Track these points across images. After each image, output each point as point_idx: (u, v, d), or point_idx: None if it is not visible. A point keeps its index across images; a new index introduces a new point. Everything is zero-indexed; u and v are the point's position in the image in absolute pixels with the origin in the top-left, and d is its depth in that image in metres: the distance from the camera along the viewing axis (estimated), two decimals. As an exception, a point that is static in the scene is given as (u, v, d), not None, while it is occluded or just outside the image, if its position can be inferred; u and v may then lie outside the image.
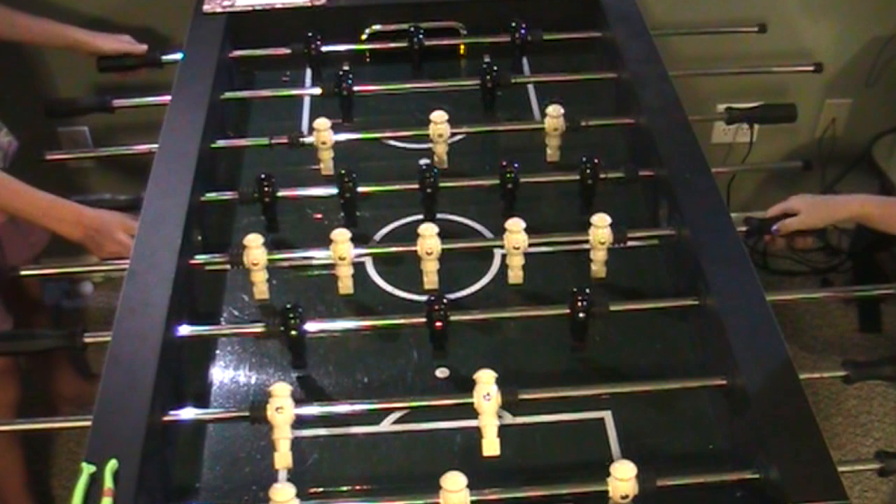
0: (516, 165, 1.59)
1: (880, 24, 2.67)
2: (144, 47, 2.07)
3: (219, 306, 1.53)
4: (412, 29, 1.94)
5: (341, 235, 1.46)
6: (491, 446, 1.24)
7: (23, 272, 1.63)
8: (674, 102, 1.74)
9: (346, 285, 1.49)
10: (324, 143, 1.69)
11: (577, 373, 1.43)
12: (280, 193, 1.62)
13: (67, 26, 2.07)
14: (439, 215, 1.65)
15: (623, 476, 1.14)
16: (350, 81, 1.81)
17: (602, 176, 1.60)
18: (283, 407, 1.23)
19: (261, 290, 1.49)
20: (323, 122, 1.68)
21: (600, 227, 1.47)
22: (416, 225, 1.50)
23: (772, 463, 1.16)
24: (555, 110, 1.70)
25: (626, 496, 1.14)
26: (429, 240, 1.46)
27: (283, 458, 1.23)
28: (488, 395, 1.24)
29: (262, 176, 1.59)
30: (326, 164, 1.71)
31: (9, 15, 2.02)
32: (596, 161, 1.57)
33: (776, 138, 2.78)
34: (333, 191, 1.62)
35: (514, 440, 1.32)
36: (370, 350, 1.46)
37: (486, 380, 1.25)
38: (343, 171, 1.60)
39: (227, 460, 1.32)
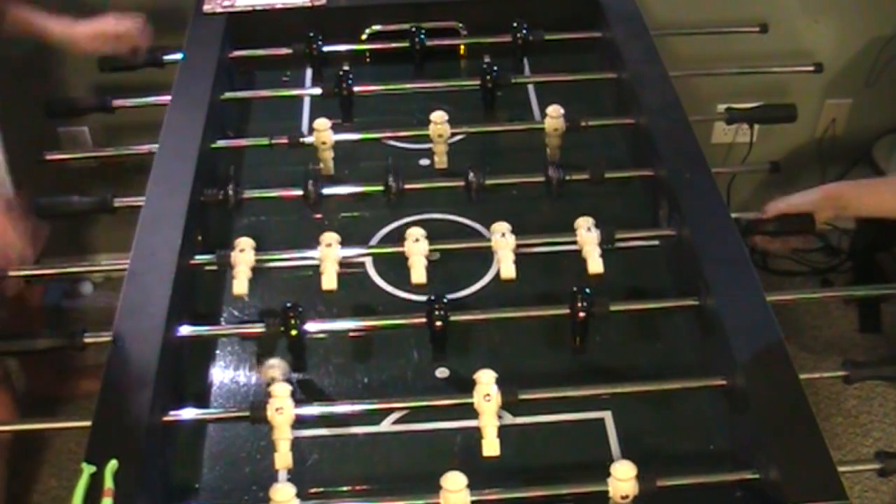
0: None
1: (880, 24, 2.67)
2: (136, 44, 2.01)
3: (219, 306, 1.53)
4: (413, 29, 1.94)
5: (330, 236, 1.48)
6: (491, 447, 1.24)
7: (22, 272, 1.62)
8: (674, 102, 1.74)
9: (329, 278, 1.44)
10: (324, 143, 1.69)
11: (577, 373, 1.43)
12: (278, 194, 1.63)
13: (43, 17, 1.98)
14: (439, 215, 1.65)
15: (623, 476, 1.14)
16: (350, 81, 1.81)
17: (568, 178, 1.60)
18: (283, 408, 1.23)
19: (241, 283, 1.45)
20: (323, 123, 1.68)
21: (582, 227, 1.48)
22: (416, 225, 1.51)
23: (772, 463, 1.16)
24: (555, 110, 1.70)
25: (627, 496, 1.15)
26: (414, 229, 1.48)
27: (283, 458, 1.23)
28: (488, 395, 1.24)
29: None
30: (327, 164, 1.71)
31: None
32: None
33: (776, 138, 2.78)
34: (333, 191, 1.62)
35: (514, 440, 1.32)
36: (370, 350, 1.46)
37: (486, 380, 1.25)
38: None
39: (227, 460, 1.32)
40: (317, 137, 1.69)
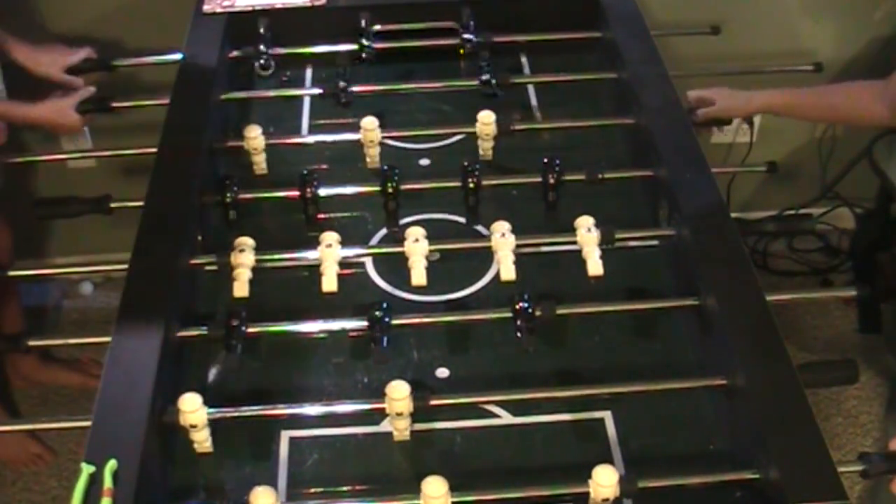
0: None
1: (880, 24, 2.67)
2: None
3: (219, 306, 1.53)
4: (413, 29, 1.94)
5: (330, 236, 1.48)
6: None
7: (23, 272, 1.62)
8: (674, 102, 1.74)
9: (330, 279, 1.46)
10: (255, 149, 1.69)
11: (577, 373, 1.43)
12: (278, 194, 1.63)
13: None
14: (439, 215, 1.65)
15: (606, 482, 1.14)
16: (350, 81, 1.81)
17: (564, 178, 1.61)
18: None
19: (241, 285, 1.46)
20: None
21: (582, 228, 1.48)
22: (416, 225, 1.51)
23: (772, 463, 1.16)
24: (486, 116, 1.69)
25: (608, 499, 1.15)
26: (414, 228, 1.49)
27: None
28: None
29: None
30: (259, 165, 1.70)
31: None
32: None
33: (776, 138, 2.78)
34: (332, 191, 1.62)
35: (514, 440, 1.32)
36: (370, 350, 1.46)
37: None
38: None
39: (227, 460, 1.31)
40: (248, 143, 1.69)
